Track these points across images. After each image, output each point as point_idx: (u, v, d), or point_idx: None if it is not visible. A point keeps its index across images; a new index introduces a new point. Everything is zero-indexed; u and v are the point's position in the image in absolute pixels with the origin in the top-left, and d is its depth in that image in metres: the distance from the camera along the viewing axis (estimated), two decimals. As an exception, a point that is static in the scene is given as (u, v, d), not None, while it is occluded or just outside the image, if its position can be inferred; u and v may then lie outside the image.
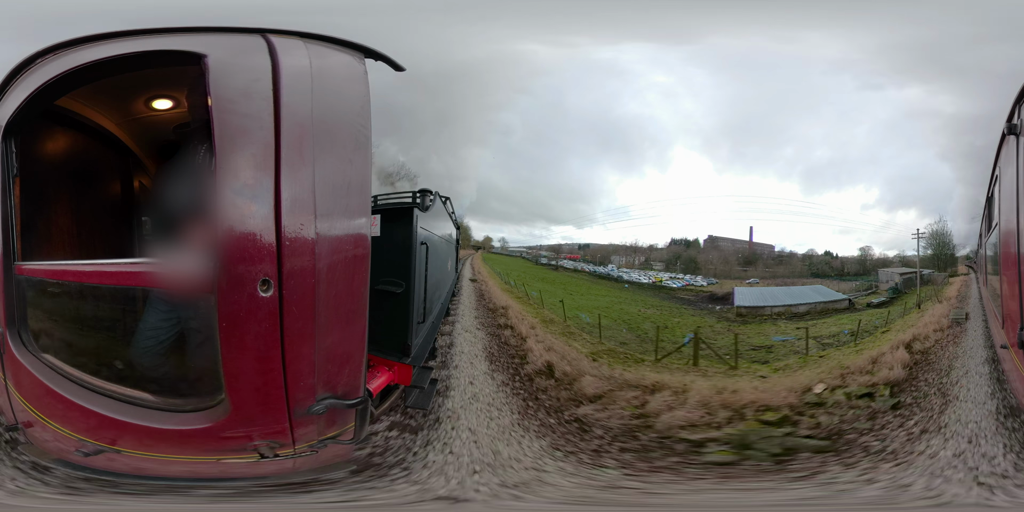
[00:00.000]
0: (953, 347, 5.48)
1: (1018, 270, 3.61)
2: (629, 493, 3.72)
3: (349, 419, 2.83)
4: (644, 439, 4.62)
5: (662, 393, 5.61)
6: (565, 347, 8.23)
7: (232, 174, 2.34)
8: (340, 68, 2.72)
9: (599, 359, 7.93)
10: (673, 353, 8.71)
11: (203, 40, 2.50)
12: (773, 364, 7.30)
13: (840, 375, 5.33)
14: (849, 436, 4.24)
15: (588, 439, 4.65)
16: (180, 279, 2.51)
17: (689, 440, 4.51)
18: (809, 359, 7.05)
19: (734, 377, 6.36)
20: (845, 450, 4.04)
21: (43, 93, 2.77)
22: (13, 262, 2.93)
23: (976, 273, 8.27)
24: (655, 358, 8.64)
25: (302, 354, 2.50)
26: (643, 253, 16.98)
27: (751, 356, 8.24)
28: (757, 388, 5.31)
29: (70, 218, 3.89)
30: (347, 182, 2.65)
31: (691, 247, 16.14)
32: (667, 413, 5.09)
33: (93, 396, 2.79)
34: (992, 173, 5.27)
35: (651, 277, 15.47)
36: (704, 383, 5.87)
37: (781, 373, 6.29)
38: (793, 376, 5.75)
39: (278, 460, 2.69)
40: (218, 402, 2.54)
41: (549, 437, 4.62)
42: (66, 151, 3.82)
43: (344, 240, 2.62)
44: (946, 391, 4.47)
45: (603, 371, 6.85)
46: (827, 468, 3.85)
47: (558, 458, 4.20)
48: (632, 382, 6.17)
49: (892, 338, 6.73)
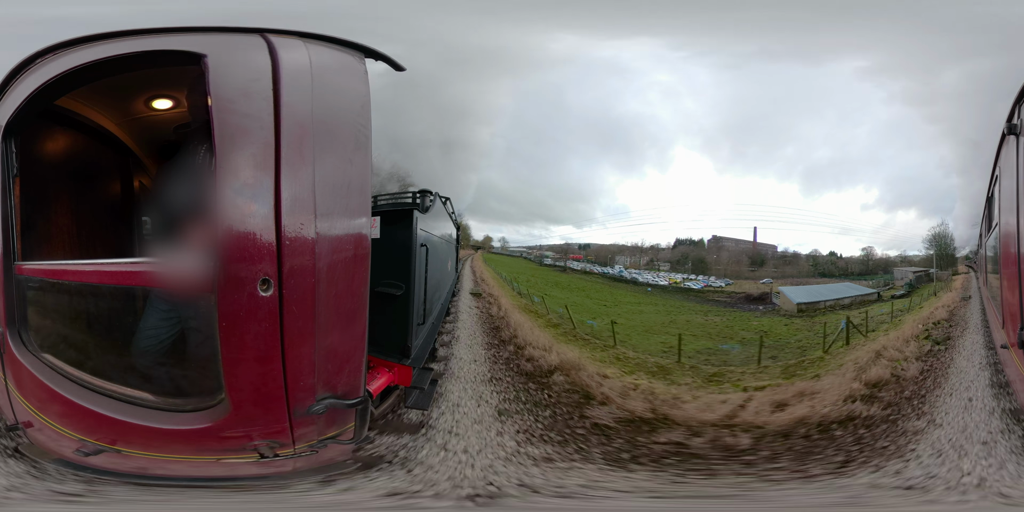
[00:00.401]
0: (965, 308, 9.87)
1: (1018, 270, 3.61)
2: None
3: (349, 419, 2.83)
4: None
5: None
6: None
7: (232, 173, 2.34)
8: (340, 68, 2.71)
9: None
10: (835, 341, 8.67)
11: (203, 40, 2.50)
12: (887, 328, 9.38)
13: (921, 324, 8.82)
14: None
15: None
16: (180, 279, 2.51)
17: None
18: (895, 322, 9.83)
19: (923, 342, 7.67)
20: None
21: (43, 93, 2.77)
22: (13, 262, 2.93)
23: (976, 272, 10.45)
24: (822, 350, 8.27)
25: (302, 354, 2.49)
26: (647, 253, 16.68)
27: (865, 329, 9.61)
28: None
29: (70, 218, 3.89)
30: (347, 182, 2.65)
31: (696, 247, 16.00)
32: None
33: (93, 396, 2.79)
34: (992, 173, 5.27)
35: (665, 278, 15.09)
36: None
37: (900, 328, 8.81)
38: (903, 328, 8.61)
39: (278, 460, 2.69)
40: (218, 402, 2.54)
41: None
42: (66, 151, 3.82)
43: (344, 240, 2.62)
44: (967, 320, 8.92)
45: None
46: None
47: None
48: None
49: (930, 307, 10.29)
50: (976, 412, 4.82)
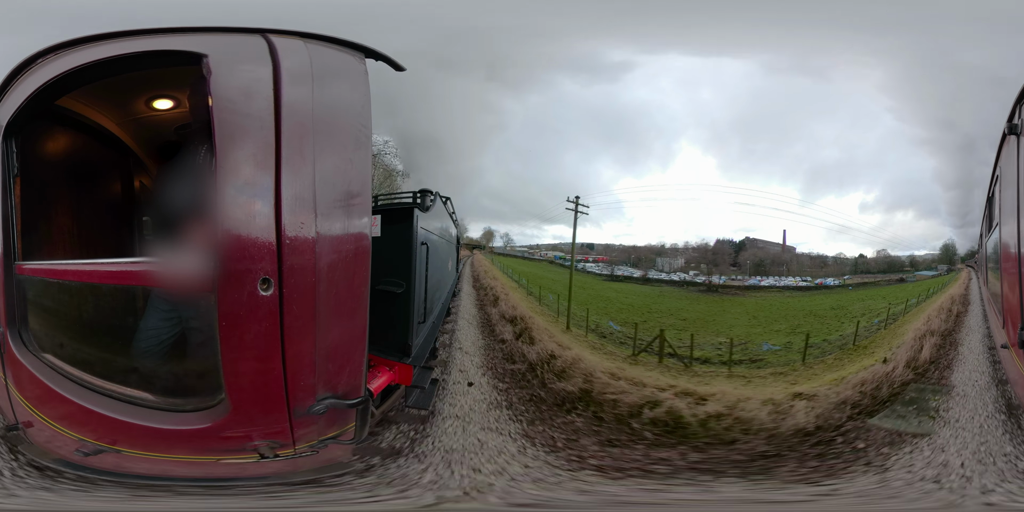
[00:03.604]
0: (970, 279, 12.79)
1: (1019, 270, 3.61)
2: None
3: (349, 419, 2.82)
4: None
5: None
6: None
7: (233, 173, 2.35)
8: (340, 68, 2.72)
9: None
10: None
11: (204, 40, 2.50)
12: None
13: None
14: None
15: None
16: (180, 278, 2.51)
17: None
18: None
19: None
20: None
21: (44, 93, 2.77)
22: (14, 262, 2.93)
23: (976, 272, 12.82)
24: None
25: (302, 353, 2.49)
26: (682, 254, 15.84)
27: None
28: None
29: (70, 218, 3.88)
30: (348, 181, 2.65)
31: (739, 248, 15.69)
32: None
33: (93, 396, 2.78)
34: (993, 173, 5.27)
35: (777, 281, 14.79)
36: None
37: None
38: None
39: (278, 460, 2.68)
40: (218, 402, 2.54)
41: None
42: (67, 151, 3.82)
43: (344, 239, 2.62)
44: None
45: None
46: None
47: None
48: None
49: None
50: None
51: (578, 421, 5.24)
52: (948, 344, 7.72)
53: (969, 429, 4.76)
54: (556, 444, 4.63)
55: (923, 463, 4.19)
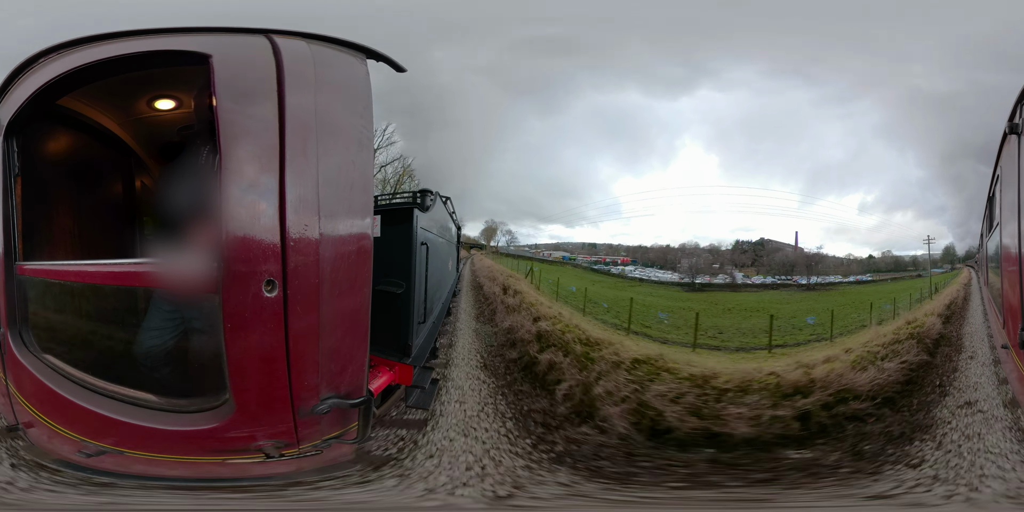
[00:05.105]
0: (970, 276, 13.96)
1: (1019, 270, 3.62)
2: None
3: (352, 419, 2.82)
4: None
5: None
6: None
7: (236, 174, 2.34)
8: (342, 68, 2.72)
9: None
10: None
11: (207, 40, 2.49)
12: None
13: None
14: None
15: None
16: (184, 279, 2.50)
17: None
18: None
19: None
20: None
21: (45, 93, 2.77)
22: (14, 262, 2.92)
23: (976, 272, 13.65)
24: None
25: (306, 354, 2.49)
26: (692, 254, 15.28)
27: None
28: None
29: (72, 218, 3.88)
30: (350, 182, 2.65)
31: (767, 248, 15.68)
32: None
33: (95, 397, 2.78)
34: (993, 173, 5.28)
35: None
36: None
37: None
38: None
39: (283, 460, 2.68)
40: (222, 402, 2.54)
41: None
42: (68, 151, 3.82)
43: (348, 240, 2.62)
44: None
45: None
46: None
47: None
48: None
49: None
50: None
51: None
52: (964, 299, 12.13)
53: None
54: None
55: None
